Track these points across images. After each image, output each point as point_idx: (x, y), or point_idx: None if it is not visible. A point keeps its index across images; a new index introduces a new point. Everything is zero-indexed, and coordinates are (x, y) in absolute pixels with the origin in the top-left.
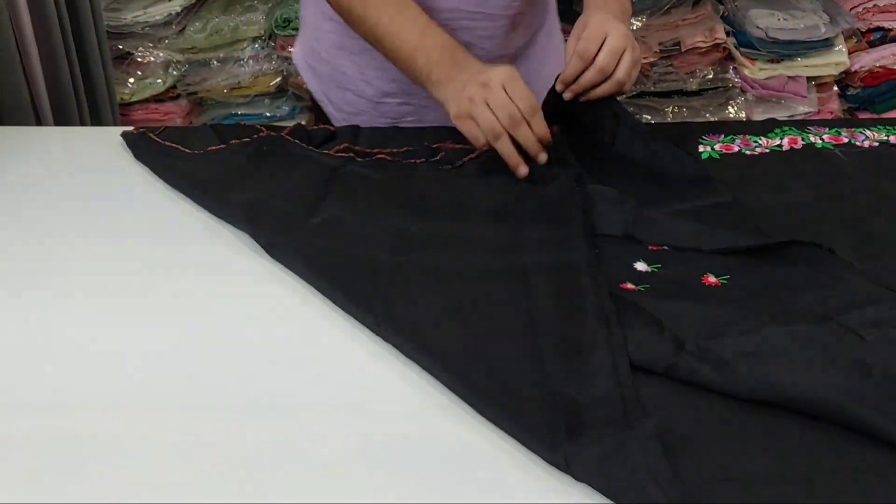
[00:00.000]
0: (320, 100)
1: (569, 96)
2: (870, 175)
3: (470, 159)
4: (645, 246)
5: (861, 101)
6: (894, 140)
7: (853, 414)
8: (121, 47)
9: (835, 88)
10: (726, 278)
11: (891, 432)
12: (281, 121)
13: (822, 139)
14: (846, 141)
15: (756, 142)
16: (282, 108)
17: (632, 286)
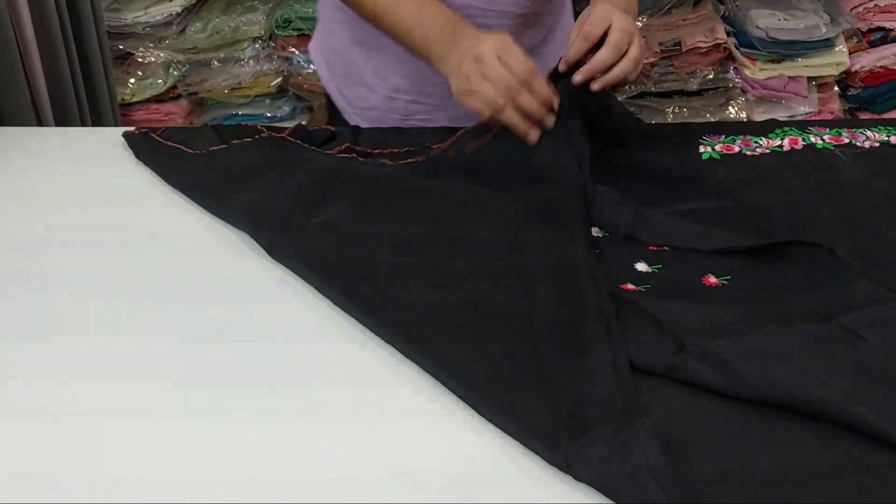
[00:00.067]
0: (332, 94)
1: (597, 87)
2: (870, 175)
3: (474, 148)
4: (645, 246)
5: (862, 101)
6: (895, 140)
7: (853, 414)
8: (121, 47)
9: (835, 89)
10: (727, 279)
11: (891, 432)
12: (281, 121)
13: (822, 140)
14: (847, 141)
15: (757, 142)
16: (282, 109)
17: (632, 286)
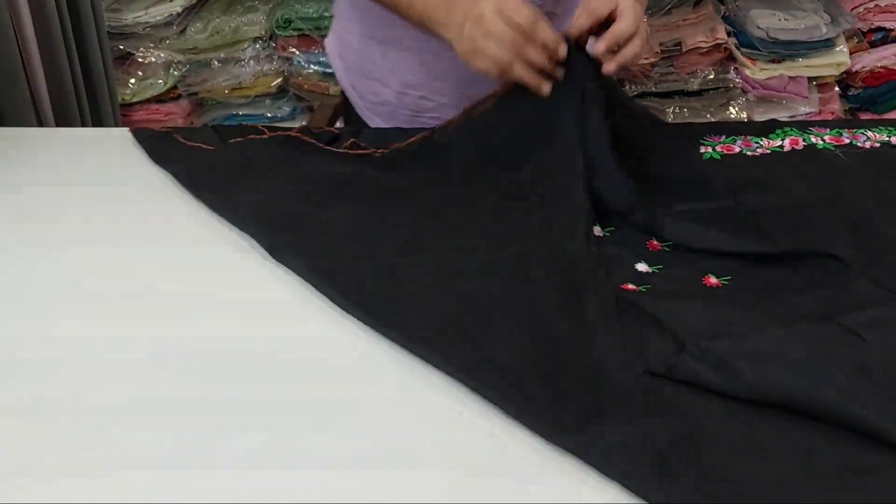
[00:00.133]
0: (346, 89)
1: (612, 68)
2: (871, 176)
3: (483, 110)
4: (646, 246)
5: (862, 101)
6: (895, 141)
7: (853, 414)
8: (122, 48)
9: (836, 89)
10: (727, 279)
11: (891, 432)
12: (282, 121)
13: (823, 140)
14: (847, 142)
15: (757, 142)
16: (283, 109)
17: (633, 287)
